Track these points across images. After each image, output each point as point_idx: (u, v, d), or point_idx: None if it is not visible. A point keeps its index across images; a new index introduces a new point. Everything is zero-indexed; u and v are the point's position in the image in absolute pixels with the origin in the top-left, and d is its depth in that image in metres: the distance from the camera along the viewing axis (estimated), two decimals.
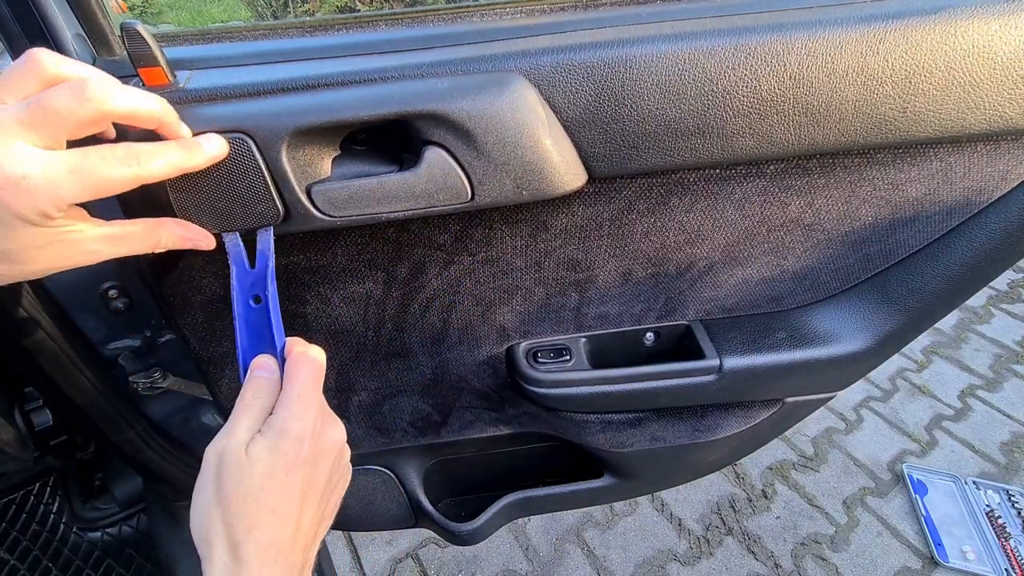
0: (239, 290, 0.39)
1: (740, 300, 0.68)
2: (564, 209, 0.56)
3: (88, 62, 0.49)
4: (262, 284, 0.39)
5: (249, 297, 0.39)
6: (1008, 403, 1.80)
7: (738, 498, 1.57)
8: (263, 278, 0.39)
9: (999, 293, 2.23)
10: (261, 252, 0.40)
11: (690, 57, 0.48)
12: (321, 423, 0.40)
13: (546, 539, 1.49)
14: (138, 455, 0.78)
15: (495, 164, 0.48)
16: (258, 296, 0.39)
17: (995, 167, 0.57)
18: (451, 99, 0.46)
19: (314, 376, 0.40)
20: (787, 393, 0.75)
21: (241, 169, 0.45)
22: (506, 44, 0.50)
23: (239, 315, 0.39)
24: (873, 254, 0.64)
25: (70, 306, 0.65)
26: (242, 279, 0.39)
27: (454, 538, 0.84)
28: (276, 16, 5.33)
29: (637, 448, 0.77)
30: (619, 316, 0.68)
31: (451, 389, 0.72)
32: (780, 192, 0.58)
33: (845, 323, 0.68)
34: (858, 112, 0.50)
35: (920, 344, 2.02)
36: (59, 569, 1.02)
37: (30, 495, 1.07)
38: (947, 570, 1.39)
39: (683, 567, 1.42)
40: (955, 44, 0.48)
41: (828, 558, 1.43)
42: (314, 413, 0.39)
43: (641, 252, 0.61)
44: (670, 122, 0.50)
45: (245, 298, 0.39)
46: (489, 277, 0.61)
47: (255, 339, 0.39)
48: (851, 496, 1.57)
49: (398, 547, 1.48)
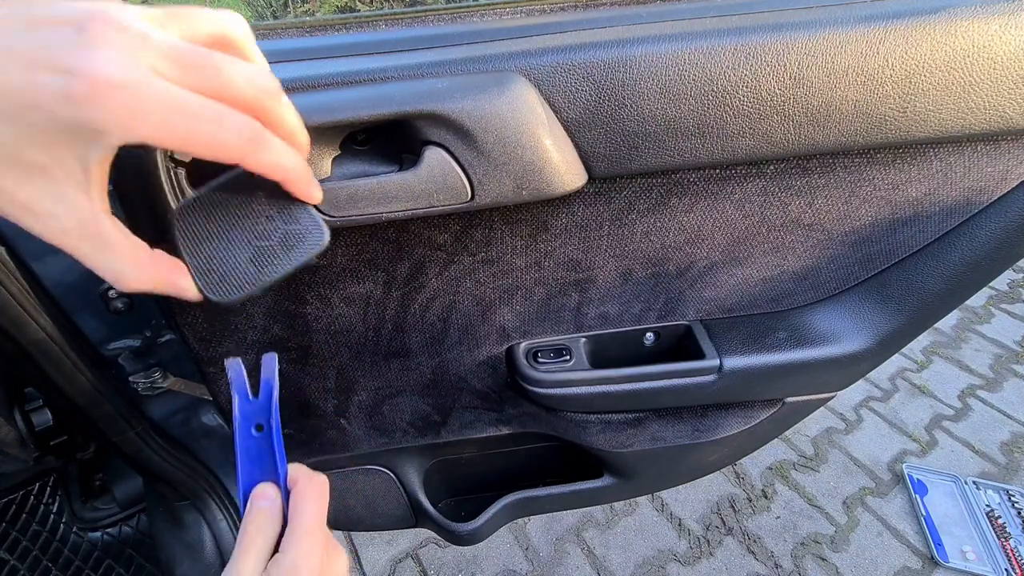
0: (241, 420, 0.38)
1: (740, 300, 0.68)
2: (564, 209, 0.56)
3: None
4: (266, 414, 0.38)
5: (252, 426, 0.38)
6: (1008, 403, 1.80)
7: (738, 498, 1.57)
8: (267, 408, 0.38)
9: (999, 293, 2.23)
10: (265, 381, 0.38)
11: (690, 57, 0.48)
12: (328, 557, 0.38)
13: (546, 539, 1.49)
14: (138, 455, 0.78)
15: (495, 164, 0.48)
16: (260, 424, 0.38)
17: (995, 167, 0.57)
18: (451, 99, 0.46)
19: (321, 509, 0.39)
20: (787, 393, 0.75)
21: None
22: (506, 44, 0.50)
23: (239, 444, 0.38)
24: (873, 254, 0.64)
25: (70, 306, 0.65)
26: (244, 408, 0.38)
27: (454, 538, 0.84)
28: (276, 16, 5.33)
29: (637, 448, 0.77)
30: (619, 316, 0.68)
31: (451, 389, 0.72)
32: (780, 192, 0.58)
33: (845, 323, 0.68)
34: (858, 112, 0.50)
35: (920, 344, 2.02)
36: (59, 569, 1.02)
37: (30, 495, 1.08)
38: (947, 570, 1.39)
39: (683, 567, 1.42)
40: (955, 44, 0.48)
41: (828, 558, 1.43)
42: (322, 549, 0.37)
43: (641, 252, 0.61)
44: (670, 122, 0.50)
45: (247, 427, 0.38)
46: (489, 277, 0.61)
47: (256, 467, 0.38)
48: (851, 496, 1.57)
49: (398, 547, 1.48)
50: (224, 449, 0.86)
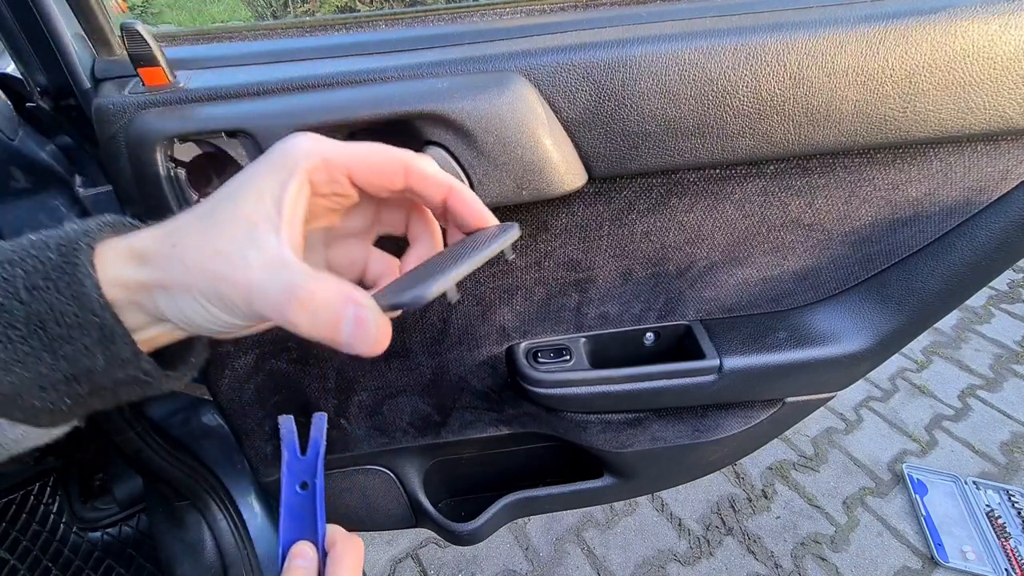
0: (288, 476, 0.40)
1: (740, 300, 0.68)
2: (564, 209, 0.56)
3: (88, 62, 0.49)
4: (311, 472, 0.40)
5: (297, 483, 0.40)
6: (1008, 403, 1.80)
7: (738, 498, 1.57)
8: (313, 466, 0.40)
9: (999, 293, 2.23)
10: (314, 440, 0.40)
11: (690, 57, 0.48)
12: None
13: (546, 539, 1.49)
14: (138, 455, 0.78)
15: (495, 164, 0.48)
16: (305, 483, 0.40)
17: (995, 167, 0.57)
18: (451, 99, 0.46)
19: (356, 573, 0.40)
20: (787, 393, 0.75)
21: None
22: (506, 44, 0.50)
23: (284, 500, 0.40)
24: (873, 254, 0.64)
25: None
26: (292, 466, 0.40)
27: (454, 538, 0.84)
28: (276, 16, 5.32)
29: (637, 448, 0.77)
30: (619, 316, 0.68)
31: (451, 389, 0.72)
32: (780, 192, 0.58)
33: (845, 323, 0.68)
34: (858, 112, 0.50)
35: (920, 344, 2.01)
36: (59, 569, 1.02)
37: (30, 495, 1.07)
38: (947, 570, 1.39)
39: (683, 567, 1.42)
40: (955, 44, 0.48)
41: (828, 558, 1.43)
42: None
43: (641, 252, 0.61)
44: (670, 122, 0.50)
45: (293, 484, 0.40)
46: (489, 277, 0.61)
47: (296, 524, 0.40)
48: (851, 496, 1.57)
49: (398, 547, 1.48)
50: (224, 449, 0.86)
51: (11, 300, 0.25)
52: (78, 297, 0.25)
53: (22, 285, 0.25)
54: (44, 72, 0.49)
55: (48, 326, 0.25)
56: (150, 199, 0.47)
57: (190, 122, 0.45)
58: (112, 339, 0.26)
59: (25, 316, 0.25)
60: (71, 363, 0.26)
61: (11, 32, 0.47)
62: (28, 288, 0.25)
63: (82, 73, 0.48)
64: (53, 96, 0.51)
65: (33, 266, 0.25)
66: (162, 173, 0.46)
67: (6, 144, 0.52)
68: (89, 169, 0.58)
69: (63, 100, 0.51)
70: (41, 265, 0.25)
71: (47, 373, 0.26)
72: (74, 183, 0.56)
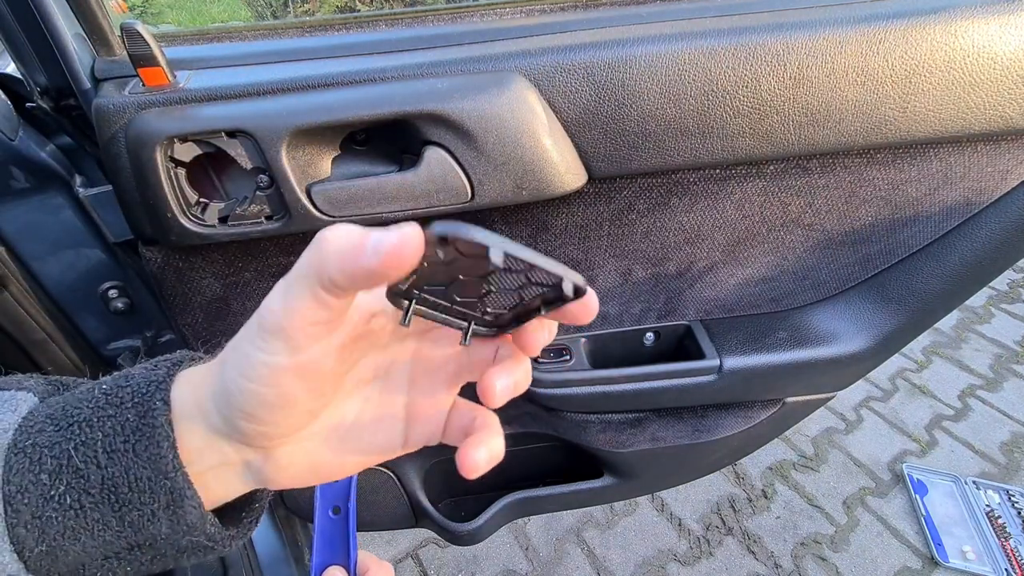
0: (321, 500, 0.40)
1: (740, 300, 0.68)
2: (564, 209, 0.56)
3: (88, 62, 0.49)
4: (344, 496, 0.40)
5: (329, 507, 0.40)
6: (1008, 403, 1.80)
7: (738, 498, 1.57)
8: (346, 491, 0.40)
9: (999, 293, 2.23)
10: None
11: (690, 57, 0.48)
12: None
13: (546, 539, 1.49)
14: None
15: (495, 164, 0.48)
16: (337, 507, 0.41)
17: (995, 167, 0.57)
18: (451, 99, 0.46)
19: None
20: (787, 393, 0.75)
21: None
22: (506, 44, 0.50)
23: (318, 524, 0.41)
24: (873, 254, 0.64)
25: (70, 306, 0.65)
26: (325, 490, 0.40)
27: (454, 538, 0.84)
28: (276, 16, 5.33)
29: (637, 448, 0.77)
30: (619, 316, 0.68)
31: None
32: (780, 192, 0.58)
33: (845, 323, 0.68)
34: (858, 112, 0.50)
35: (920, 344, 2.01)
36: None
37: None
38: (947, 570, 1.39)
39: (683, 567, 1.42)
40: (955, 44, 0.48)
41: (828, 558, 1.43)
42: None
43: (641, 252, 0.61)
44: (670, 122, 0.50)
45: (325, 508, 0.40)
46: None
47: (328, 548, 0.41)
48: (851, 496, 1.57)
49: (398, 547, 1.48)
50: None
51: (89, 465, 0.23)
52: (154, 459, 0.24)
53: (101, 449, 0.24)
54: (44, 72, 0.49)
55: (120, 490, 0.24)
56: (150, 199, 0.47)
57: (190, 122, 0.45)
58: (180, 502, 0.24)
59: (100, 481, 0.24)
60: (136, 530, 0.24)
61: (11, 32, 0.47)
62: (107, 452, 0.24)
63: (82, 73, 0.48)
64: (53, 96, 0.51)
65: (112, 428, 0.24)
66: (162, 173, 0.46)
67: (6, 144, 0.52)
68: (89, 169, 0.58)
69: (63, 100, 0.51)
70: (120, 428, 0.24)
71: (112, 541, 0.24)
72: (74, 183, 0.56)
